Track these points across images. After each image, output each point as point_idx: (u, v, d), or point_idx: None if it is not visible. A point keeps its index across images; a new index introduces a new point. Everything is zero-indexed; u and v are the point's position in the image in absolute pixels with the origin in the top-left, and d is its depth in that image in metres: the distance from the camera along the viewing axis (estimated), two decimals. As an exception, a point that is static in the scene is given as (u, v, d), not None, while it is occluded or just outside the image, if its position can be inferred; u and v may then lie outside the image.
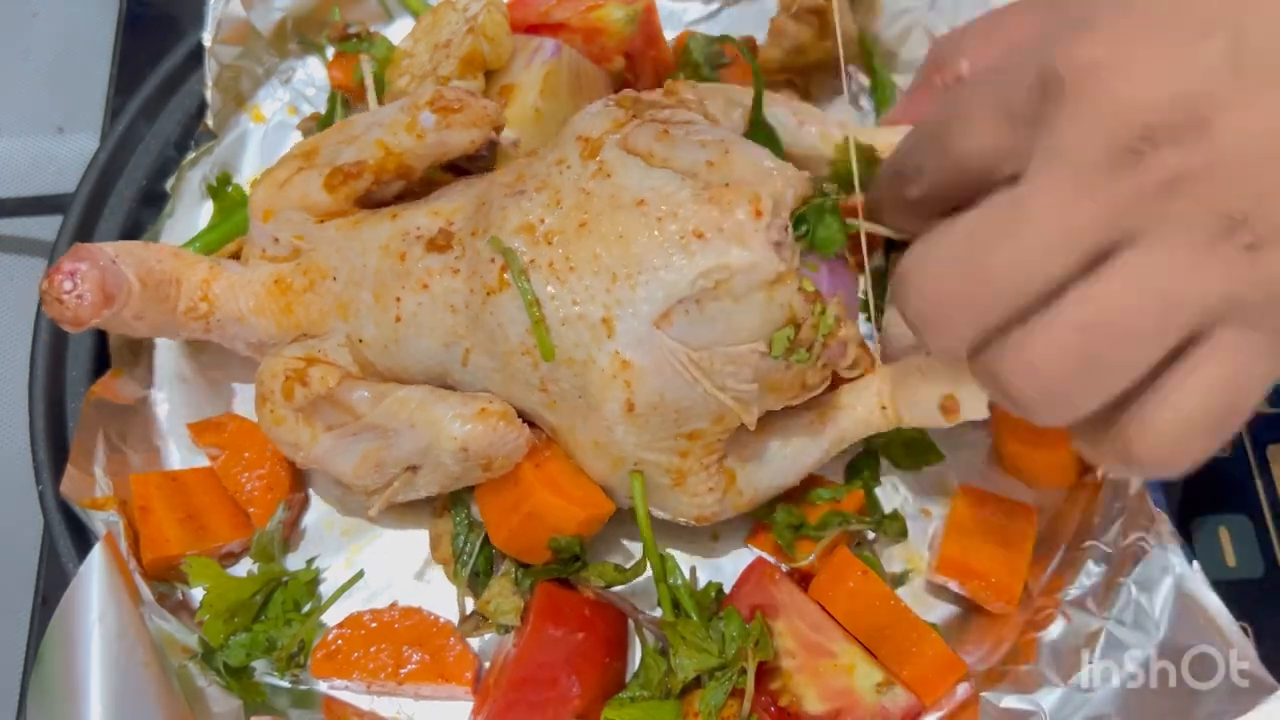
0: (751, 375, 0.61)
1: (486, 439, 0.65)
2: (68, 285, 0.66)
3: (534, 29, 0.81)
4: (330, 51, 0.90)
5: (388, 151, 0.69)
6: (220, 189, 0.86)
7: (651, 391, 0.61)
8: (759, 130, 0.72)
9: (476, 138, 0.70)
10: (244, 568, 0.75)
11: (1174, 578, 0.66)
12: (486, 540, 0.71)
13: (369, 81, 0.81)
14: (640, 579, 0.69)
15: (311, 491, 0.78)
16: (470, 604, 0.70)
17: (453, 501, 0.72)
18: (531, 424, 0.68)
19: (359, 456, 0.68)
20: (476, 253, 0.64)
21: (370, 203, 0.72)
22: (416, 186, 0.73)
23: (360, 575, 0.74)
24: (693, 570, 0.73)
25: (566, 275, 0.61)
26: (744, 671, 0.65)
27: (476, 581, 0.71)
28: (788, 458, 0.69)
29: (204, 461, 0.77)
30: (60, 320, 0.66)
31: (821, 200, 0.65)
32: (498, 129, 0.71)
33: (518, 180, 0.66)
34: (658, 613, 0.69)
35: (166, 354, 0.82)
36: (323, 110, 0.89)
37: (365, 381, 0.68)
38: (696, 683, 0.67)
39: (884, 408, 0.68)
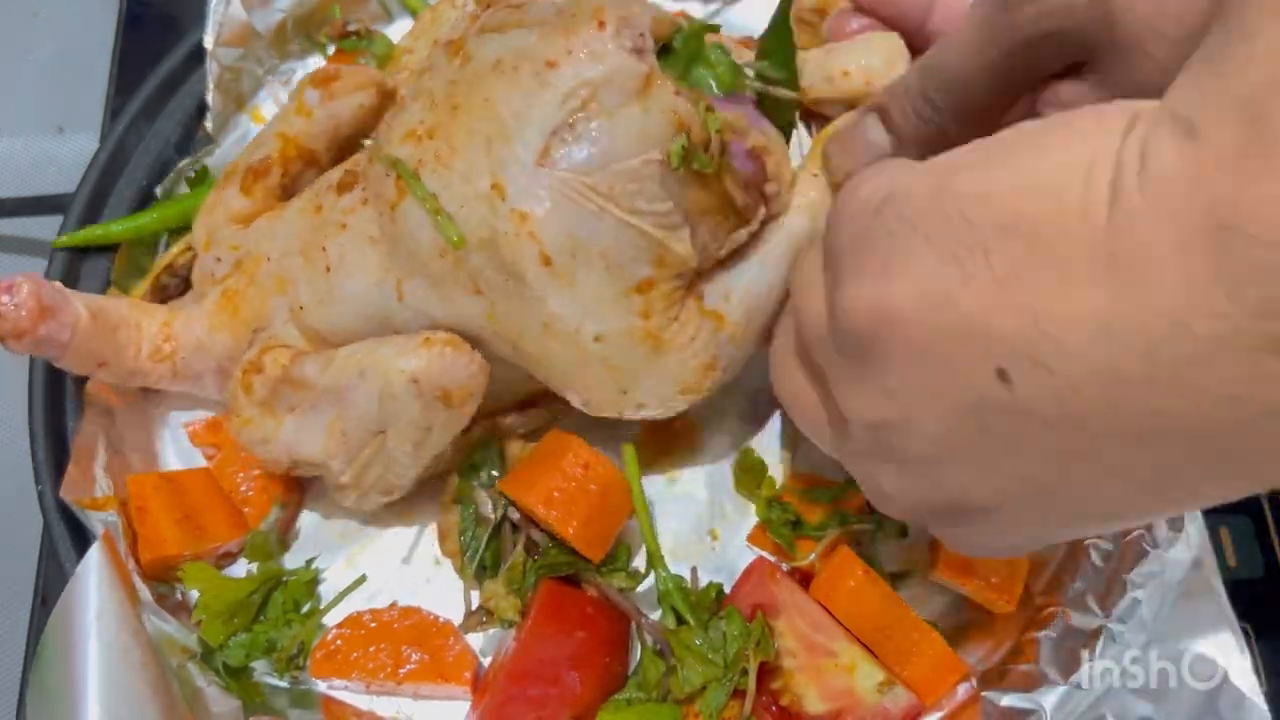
0: (661, 193, 0.59)
1: (436, 365, 0.64)
2: (4, 299, 0.68)
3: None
4: (330, 50, 0.90)
5: (286, 139, 0.72)
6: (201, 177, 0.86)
7: (559, 235, 0.59)
8: (779, 36, 0.66)
9: (365, 101, 0.72)
10: (243, 568, 0.74)
11: (1174, 578, 0.66)
12: (494, 534, 0.71)
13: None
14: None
15: (310, 493, 0.78)
16: (476, 598, 0.70)
17: (460, 494, 0.72)
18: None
19: (323, 431, 0.68)
20: (375, 176, 0.65)
21: (292, 195, 0.74)
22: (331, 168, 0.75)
23: (363, 579, 0.73)
24: (693, 570, 0.73)
25: (452, 160, 0.61)
26: (745, 671, 0.65)
27: (484, 575, 0.71)
28: (765, 257, 0.65)
29: (202, 462, 0.77)
30: (2, 335, 0.68)
31: (696, 27, 0.62)
32: (384, 89, 0.74)
33: (399, 105, 0.67)
34: (659, 614, 0.69)
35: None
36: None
37: (316, 354, 0.68)
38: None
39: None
